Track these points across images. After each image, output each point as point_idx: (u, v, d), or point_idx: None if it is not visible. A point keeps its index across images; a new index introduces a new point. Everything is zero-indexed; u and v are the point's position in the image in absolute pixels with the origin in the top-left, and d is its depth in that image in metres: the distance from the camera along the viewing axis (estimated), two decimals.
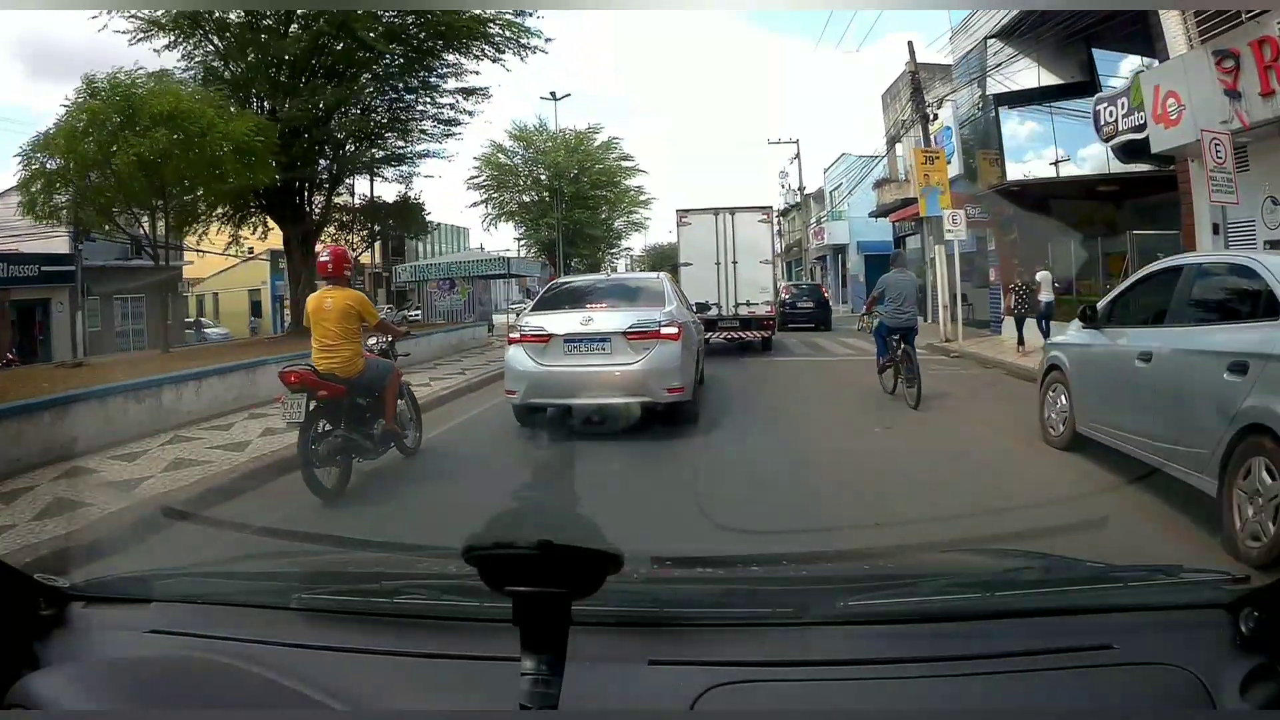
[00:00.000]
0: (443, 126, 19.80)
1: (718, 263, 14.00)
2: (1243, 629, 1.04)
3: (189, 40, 16.01)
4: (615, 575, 0.83)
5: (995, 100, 15.24)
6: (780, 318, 16.20)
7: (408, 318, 23.79)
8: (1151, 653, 1.03)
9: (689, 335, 7.21)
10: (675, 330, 6.61)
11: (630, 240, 58.50)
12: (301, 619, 1.22)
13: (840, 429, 7.12)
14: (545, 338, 6.65)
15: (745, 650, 1.08)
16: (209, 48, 16.29)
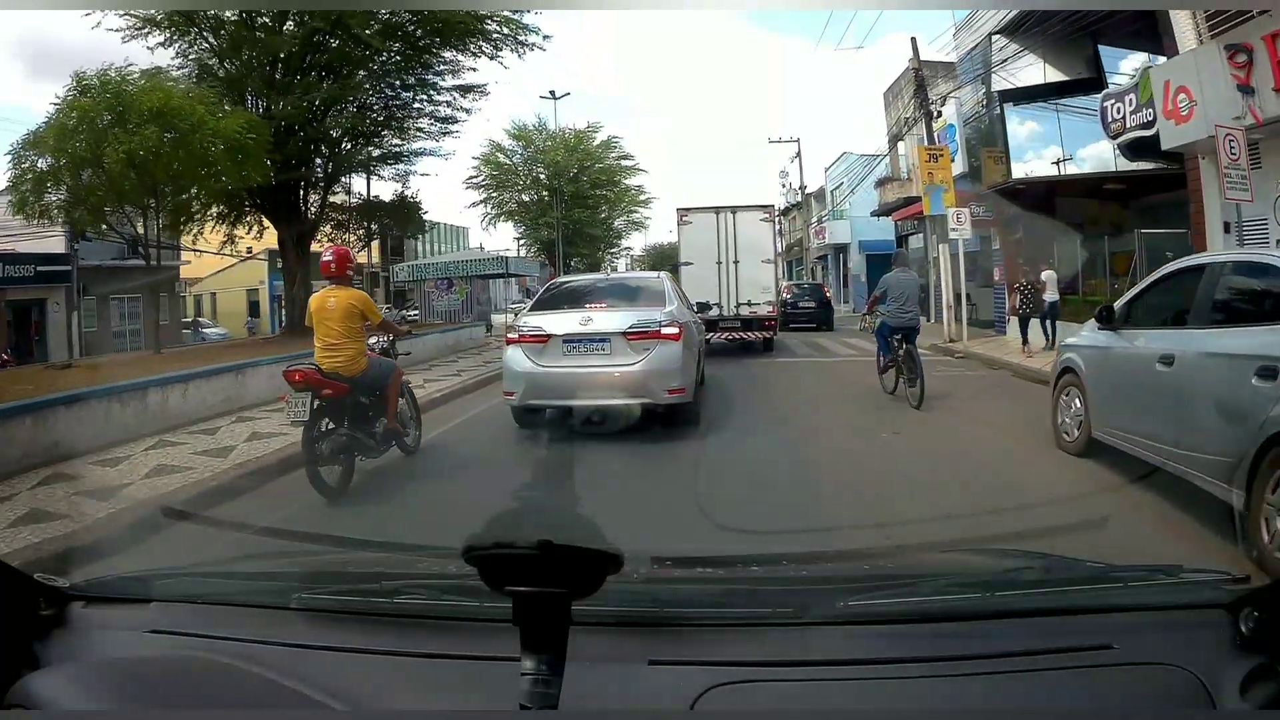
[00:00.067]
0: (440, 124, 19.70)
1: (719, 262, 13.85)
2: (1243, 629, 1.04)
3: (184, 38, 15.90)
4: (615, 575, 0.83)
5: (1000, 97, 14.99)
6: (781, 318, 16.02)
7: (406, 317, 23.78)
8: (1151, 653, 1.03)
9: (690, 335, 7.12)
10: (676, 330, 6.53)
11: (630, 240, 58.75)
12: (301, 619, 1.22)
13: (845, 431, 6.96)
14: (544, 338, 6.56)
15: (745, 650, 1.08)
16: (203, 45, 16.16)
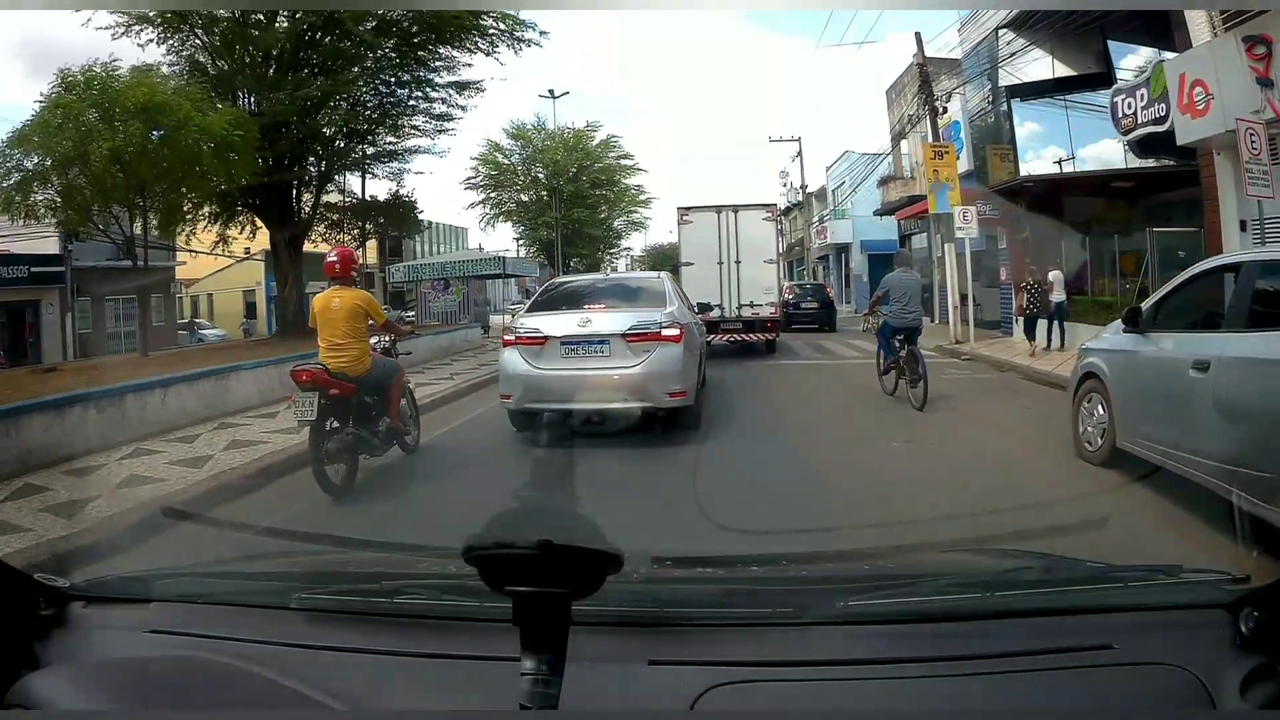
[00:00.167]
0: (435, 122, 19.53)
1: (720, 262, 13.66)
2: (1243, 629, 1.04)
3: (177, 35, 15.75)
4: (615, 575, 0.83)
5: (1007, 93, 14.71)
6: (783, 319, 15.75)
7: (405, 318, 23.72)
8: (1151, 653, 1.03)
9: (691, 337, 6.98)
10: (677, 332, 6.41)
11: (630, 240, 58.72)
12: (301, 619, 1.22)
13: (854, 439, 6.73)
14: (541, 340, 6.42)
15: (745, 650, 1.08)
16: (195, 42, 16.00)
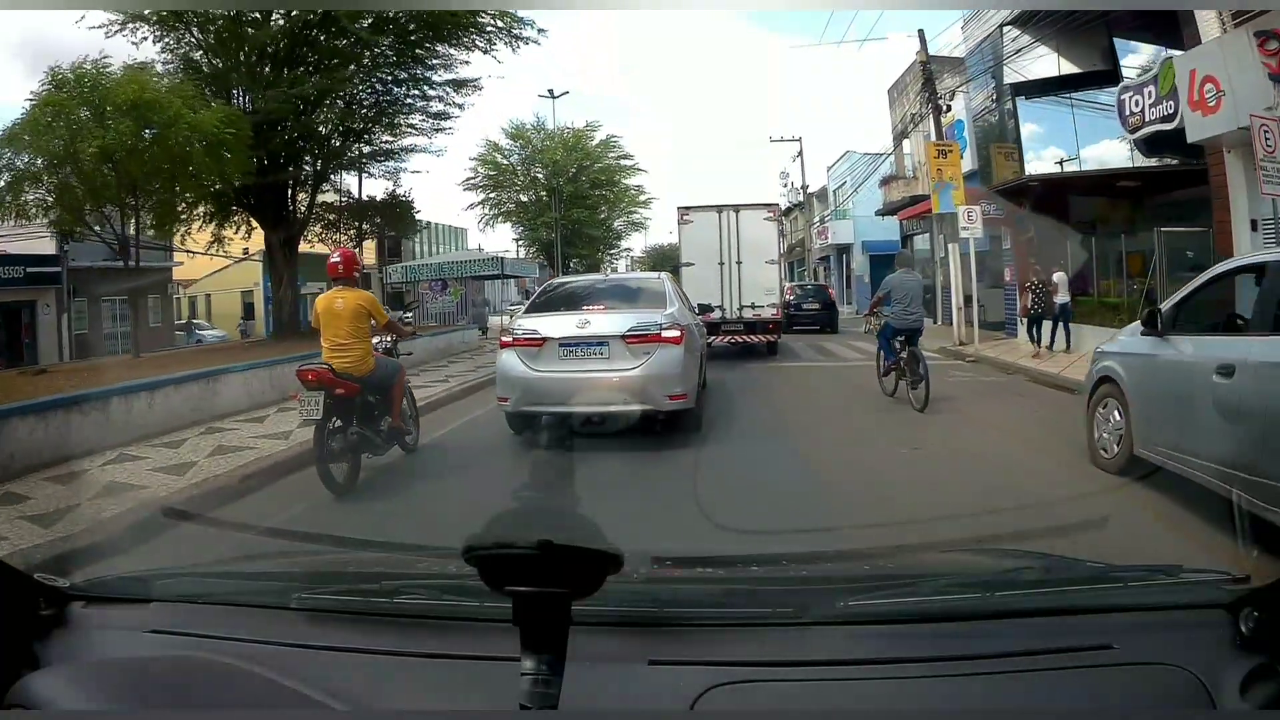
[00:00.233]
0: (432, 120, 19.43)
1: (721, 263, 13.50)
2: (1243, 629, 1.04)
3: (173, 33, 15.67)
4: (615, 575, 0.83)
5: (1012, 90, 14.53)
6: (784, 320, 15.50)
7: (404, 319, 23.64)
8: (1151, 653, 1.03)
9: (692, 339, 6.87)
10: (677, 333, 6.31)
11: (630, 240, 58.78)
12: (301, 619, 1.22)
13: (854, 440, 6.68)
14: (539, 341, 6.33)
15: (745, 650, 1.08)
16: (190, 39, 15.92)
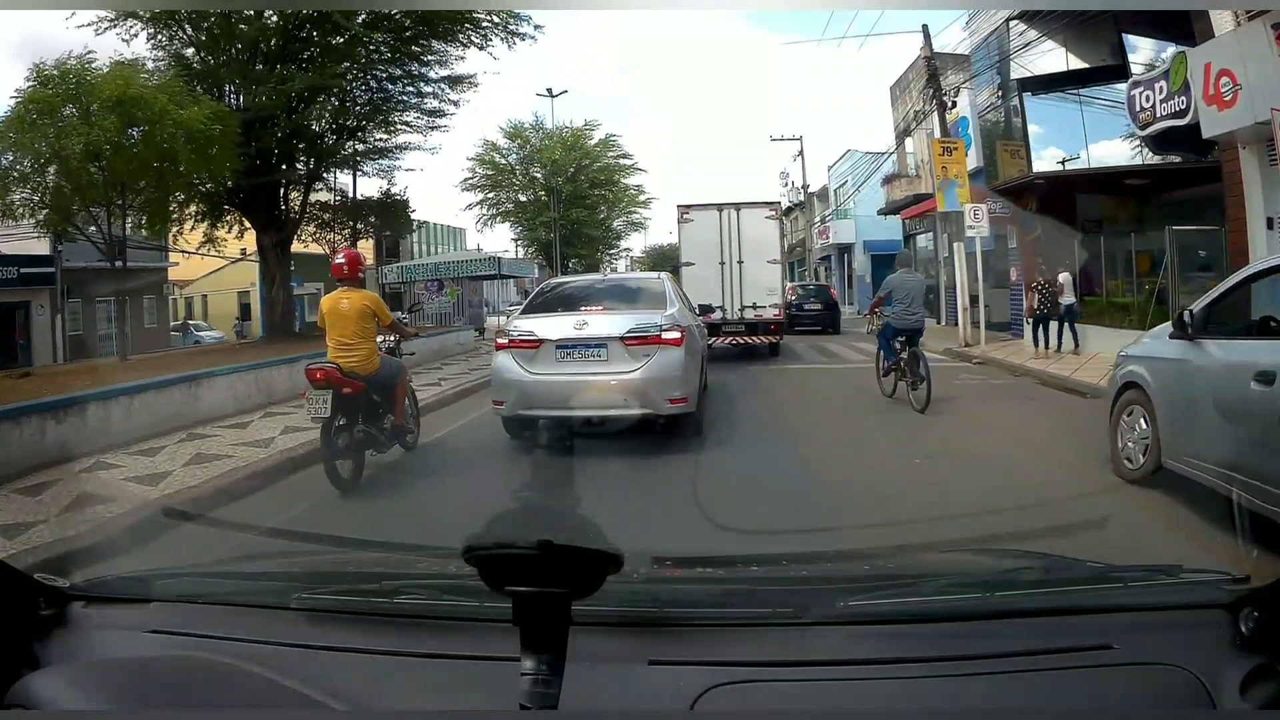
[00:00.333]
0: (427, 117, 19.33)
1: (722, 262, 13.27)
2: (1243, 629, 1.04)
3: (165, 30, 15.58)
4: (615, 575, 0.83)
5: (1019, 86, 14.29)
6: (786, 320, 15.21)
7: (401, 320, 23.41)
8: (1151, 653, 1.04)
9: (692, 340, 6.71)
10: (678, 335, 6.16)
11: (630, 240, 58.76)
12: (301, 619, 1.22)
13: (854, 441, 6.61)
14: (535, 343, 6.19)
15: (745, 650, 1.08)
16: (182, 36, 15.81)
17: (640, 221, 40.32)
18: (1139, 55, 12.85)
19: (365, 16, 15.52)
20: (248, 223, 18.02)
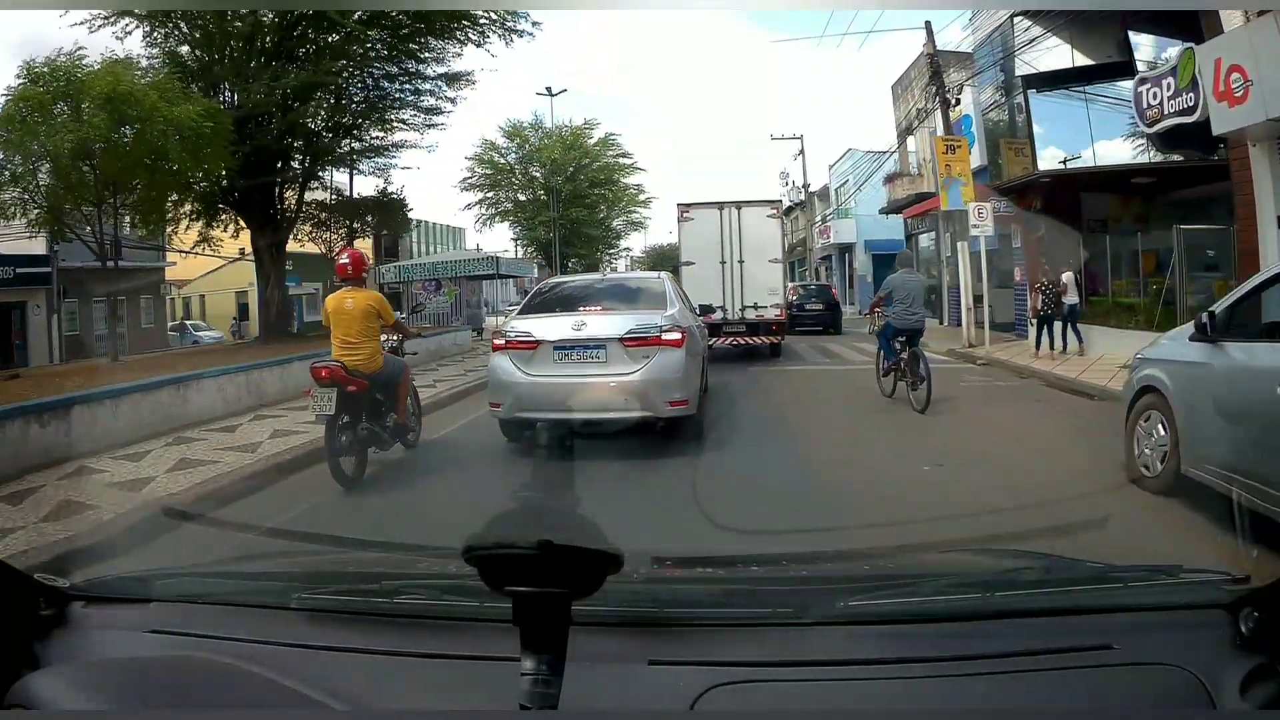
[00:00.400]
0: (424, 115, 19.25)
1: (723, 262, 13.08)
2: (1243, 629, 1.04)
3: (161, 29, 15.54)
4: (615, 575, 0.83)
5: (1024, 83, 14.12)
6: (787, 320, 15.01)
7: (403, 320, 23.29)
8: (1151, 653, 1.04)
9: (693, 341, 6.60)
10: (678, 336, 6.07)
11: (629, 240, 58.76)
12: (301, 619, 1.22)
13: (854, 441, 6.57)
14: (533, 344, 6.07)
15: (745, 650, 1.08)
16: (177, 34, 15.76)
17: (640, 221, 40.43)
18: (1144, 52, 12.71)
19: (362, 15, 15.47)
20: (243, 222, 17.92)
